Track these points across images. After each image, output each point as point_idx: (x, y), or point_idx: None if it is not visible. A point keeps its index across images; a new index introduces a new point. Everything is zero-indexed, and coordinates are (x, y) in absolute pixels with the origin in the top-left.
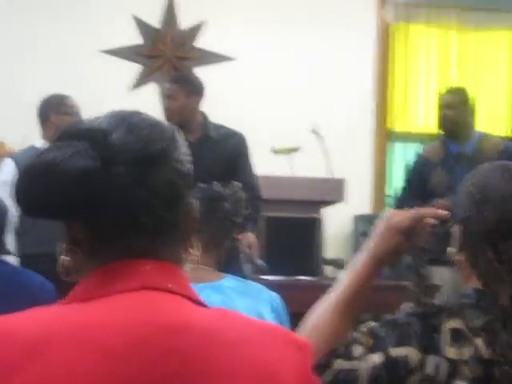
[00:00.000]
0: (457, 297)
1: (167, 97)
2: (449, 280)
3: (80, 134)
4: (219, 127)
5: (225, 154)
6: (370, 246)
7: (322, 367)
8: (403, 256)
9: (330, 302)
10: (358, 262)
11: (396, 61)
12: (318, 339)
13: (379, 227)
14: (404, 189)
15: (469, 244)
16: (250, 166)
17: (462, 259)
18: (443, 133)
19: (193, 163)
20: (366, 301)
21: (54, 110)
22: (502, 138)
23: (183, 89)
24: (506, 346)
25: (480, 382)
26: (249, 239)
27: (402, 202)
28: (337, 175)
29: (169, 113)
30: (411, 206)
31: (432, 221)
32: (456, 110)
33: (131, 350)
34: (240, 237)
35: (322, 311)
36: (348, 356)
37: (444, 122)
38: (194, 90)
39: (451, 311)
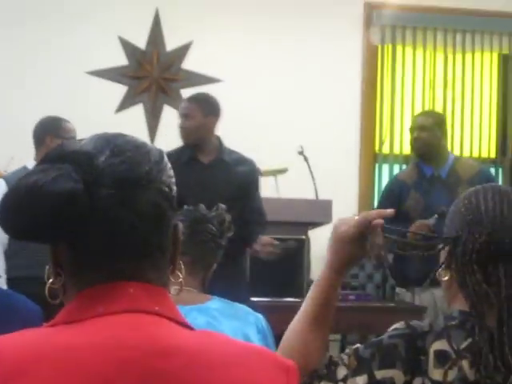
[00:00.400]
0: (442, 318)
1: (184, 115)
2: (432, 302)
3: (64, 157)
4: (232, 152)
5: (237, 179)
6: (327, 258)
7: None
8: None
9: (299, 317)
10: (320, 276)
11: (382, 82)
12: (291, 353)
13: (330, 238)
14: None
15: (457, 264)
16: (259, 192)
17: (448, 279)
18: (416, 155)
19: (205, 185)
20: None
21: (51, 133)
22: (477, 161)
23: (200, 108)
24: (492, 367)
25: None
26: (264, 240)
27: None
28: (323, 197)
29: (185, 132)
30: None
31: (380, 221)
32: (429, 133)
33: (116, 371)
34: (254, 245)
35: (292, 327)
36: (332, 378)
37: (417, 144)
38: (212, 110)
39: (437, 333)
